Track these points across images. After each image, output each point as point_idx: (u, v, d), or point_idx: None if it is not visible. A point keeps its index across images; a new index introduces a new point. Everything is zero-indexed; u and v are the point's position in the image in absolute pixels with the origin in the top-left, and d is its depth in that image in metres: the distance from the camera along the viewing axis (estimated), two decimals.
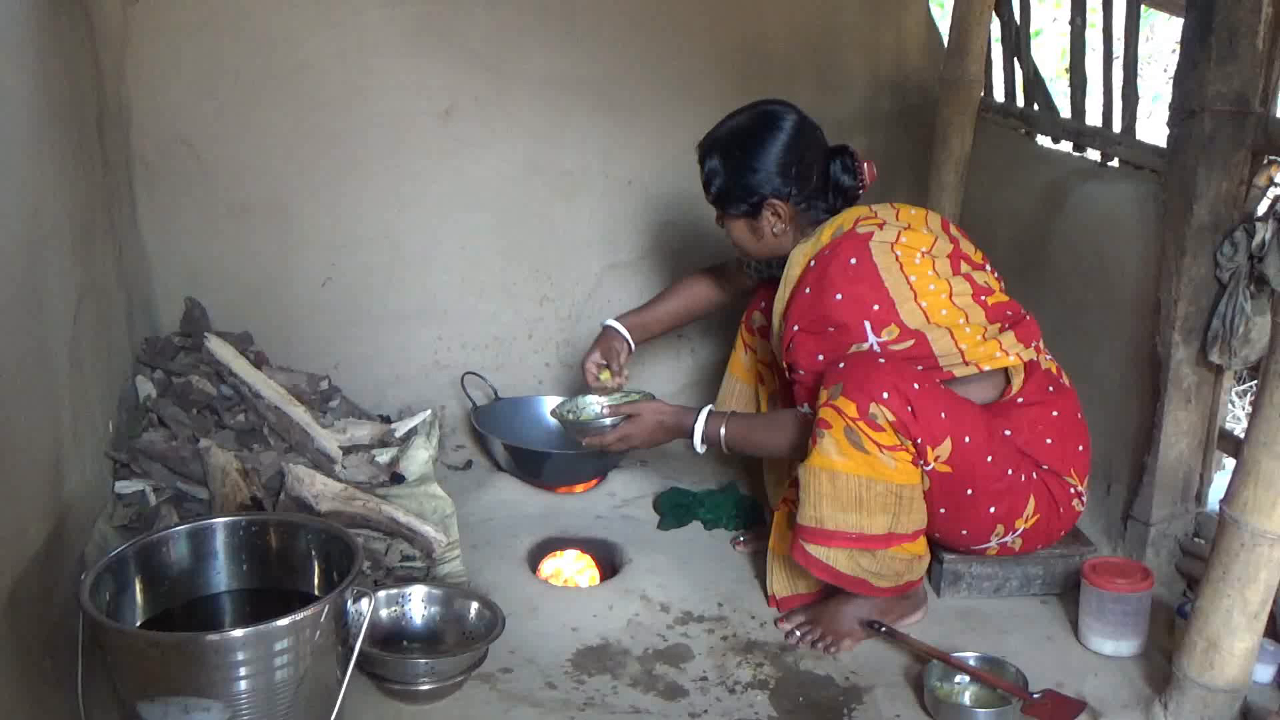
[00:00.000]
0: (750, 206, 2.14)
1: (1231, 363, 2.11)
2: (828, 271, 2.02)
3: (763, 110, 2.15)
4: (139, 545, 1.64)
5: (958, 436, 1.94)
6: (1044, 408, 2.10)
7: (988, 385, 2.07)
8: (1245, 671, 1.78)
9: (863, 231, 2.04)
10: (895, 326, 1.98)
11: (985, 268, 2.12)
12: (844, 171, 2.15)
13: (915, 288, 1.99)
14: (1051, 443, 2.09)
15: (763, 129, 2.11)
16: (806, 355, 2.06)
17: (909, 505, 1.98)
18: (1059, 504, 2.10)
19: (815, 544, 1.99)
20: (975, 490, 2.00)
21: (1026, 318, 2.09)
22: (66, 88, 2.05)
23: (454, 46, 2.81)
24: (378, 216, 2.84)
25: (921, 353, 1.98)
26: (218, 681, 1.45)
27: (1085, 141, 2.62)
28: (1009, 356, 2.01)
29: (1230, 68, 2.04)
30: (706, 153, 2.17)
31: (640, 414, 2.23)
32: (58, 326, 1.85)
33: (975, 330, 2.00)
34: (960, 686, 1.94)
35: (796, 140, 2.11)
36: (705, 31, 2.96)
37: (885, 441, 1.91)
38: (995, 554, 2.17)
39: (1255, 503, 1.68)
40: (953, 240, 2.10)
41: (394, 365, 2.89)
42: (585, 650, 2.03)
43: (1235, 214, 2.10)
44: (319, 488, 2.19)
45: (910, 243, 2.02)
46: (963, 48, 2.76)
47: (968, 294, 2.02)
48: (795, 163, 2.10)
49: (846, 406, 1.91)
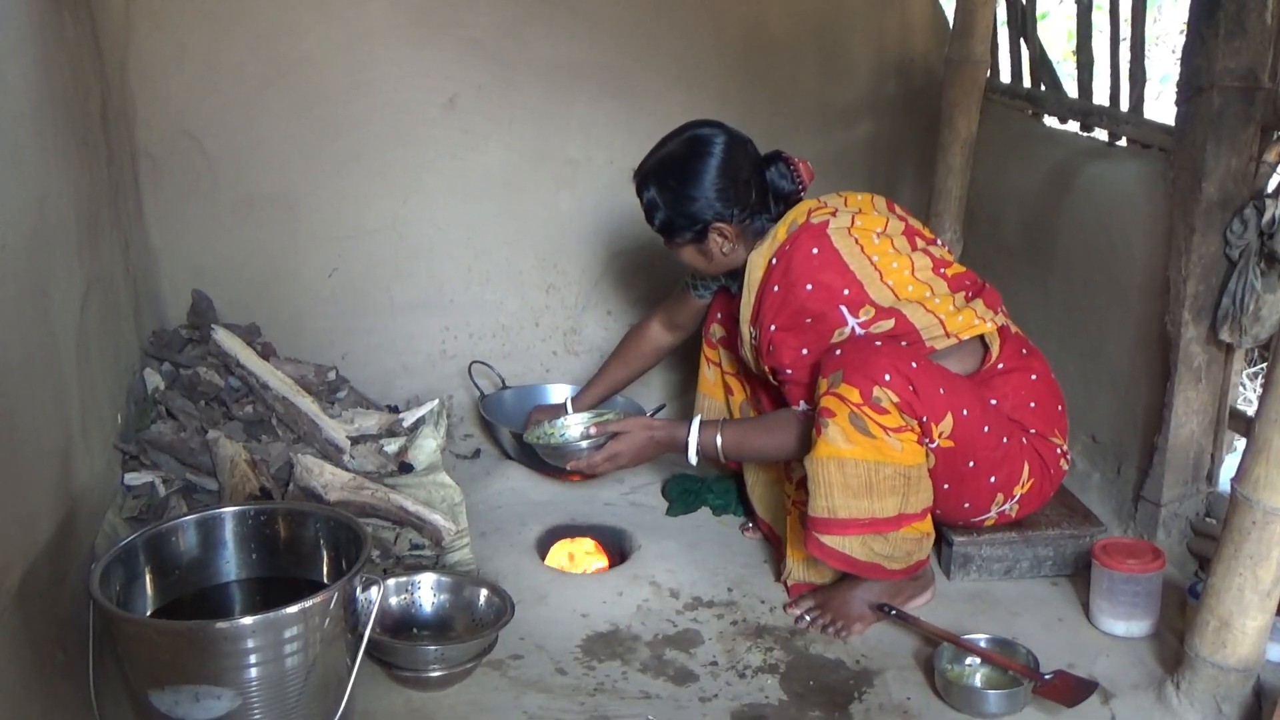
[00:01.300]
0: (695, 234, 2.13)
1: (1242, 341, 2.09)
2: (792, 265, 2.03)
3: (691, 135, 2.13)
4: (148, 535, 1.65)
5: (957, 410, 1.95)
6: (1023, 373, 2.12)
7: (967, 355, 2.09)
8: (1258, 650, 1.77)
9: (818, 221, 2.06)
10: (870, 307, 1.99)
11: (936, 242, 2.17)
12: (781, 178, 2.15)
13: (879, 267, 2.01)
14: (1035, 406, 2.11)
15: (694, 156, 2.10)
16: (790, 352, 2.05)
17: (917, 485, 1.98)
18: (1048, 465, 2.12)
19: (830, 534, 1.98)
20: (976, 462, 2.02)
21: (985, 285, 2.13)
22: (70, 81, 2.05)
23: (456, 36, 2.80)
24: (383, 207, 2.84)
25: (904, 328, 2.00)
26: (228, 669, 1.46)
27: (1092, 121, 2.60)
28: (985, 323, 2.05)
29: (1239, 43, 2.02)
30: (642, 185, 2.16)
31: (629, 430, 2.20)
32: (65, 319, 1.85)
33: (944, 300, 2.03)
34: (971, 668, 1.93)
35: (729, 161, 2.09)
36: (708, 17, 2.94)
37: (890, 424, 1.91)
38: (994, 523, 2.18)
39: (1267, 480, 1.67)
40: (902, 219, 2.14)
41: (401, 355, 2.89)
42: (595, 636, 2.03)
43: (1245, 191, 2.08)
44: (328, 478, 2.20)
45: (865, 225, 2.06)
46: (968, 28, 2.74)
47: (928, 267, 2.06)
48: (732, 184, 2.09)
49: (849, 393, 1.91)
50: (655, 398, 2.91)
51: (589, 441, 2.22)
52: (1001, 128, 2.85)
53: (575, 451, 2.22)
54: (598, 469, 2.22)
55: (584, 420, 2.37)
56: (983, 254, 2.82)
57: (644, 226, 2.99)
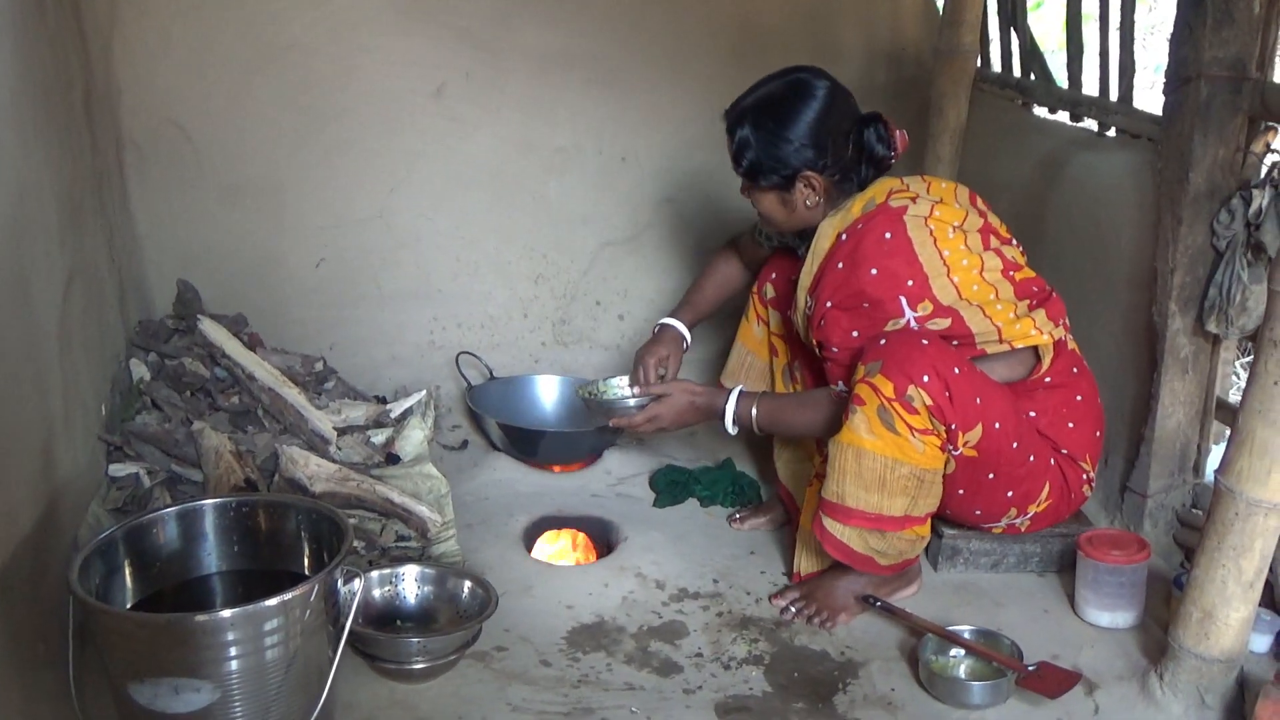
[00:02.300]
0: (783, 179, 2.04)
1: (1228, 332, 2.09)
2: (861, 245, 1.97)
3: (795, 78, 2.04)
4: (128, 527, 1.64)
5: (989, 422, 1.91)
6: (1069, 390, 2.07)
7: (1016, 363, 2.03)
8: (1241, 641, 1.77)
9: (896, 205, 1.99)
10: (929, 303, 1.94)
11: (1012, 242, 2.08)
12: (877, 140, 2.06)
13: (948, 263, 1.94)
14: (1073, 427, 2.07)
15: (795, 98, 2.01)
16: (840, 332, 2.01)
17: (928, 489, 1.96)
18: (1071, 489, 2.09)
19: (834, 519, 1.97)
20: (997, 475, 1.99)
21: (1053, 294, 2.05)
22: (52, 70, 2.04)
23: (445, 24, 2.79)
24: (371, 196, 2.83)
25: (959, 330, 1.95)
26: (208, 662, 1.45)
27: (1082, 111, 2.59)
28: (1042, 335, 1.97)
29: (1227, 33, 2.01)
30: (736, 123, 2.06)
31: (670, 394, 2.18)
32: (46, 309, 1.84)
33: (1006, 307, 1.96)
34: (956, 660, 1.93)
35: (830, 109, 2.02)
36: (698, 6, 2.93)
37: (918, 425, 1.88)
38: (1001, 532, 2.17)
39: (1250, 472, 1.67)
40: (981, 214, 2.06)
41: (389, 346, 2.88)
42: (580, 628, 2.03)
43: (1232, 181, 2.08)
44: (313, 469, 2.19)
45: (943, 217, 1.98)
46: (957, 18, 2.73)
47: (997, 269, 1.98)
48: (829, 133, 2.01)
49: (883, 385, 1.88)
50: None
51: (635, 400, 2.22)
52: (991, 117, 2.84)
53: (621, 409, 2.22)
54: (639, 429, 2.21)
55: (629, 381, 2.35)
56: None
57: (634, 215, 3.02)
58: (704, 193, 3.02)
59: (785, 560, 2.27)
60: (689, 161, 3.00)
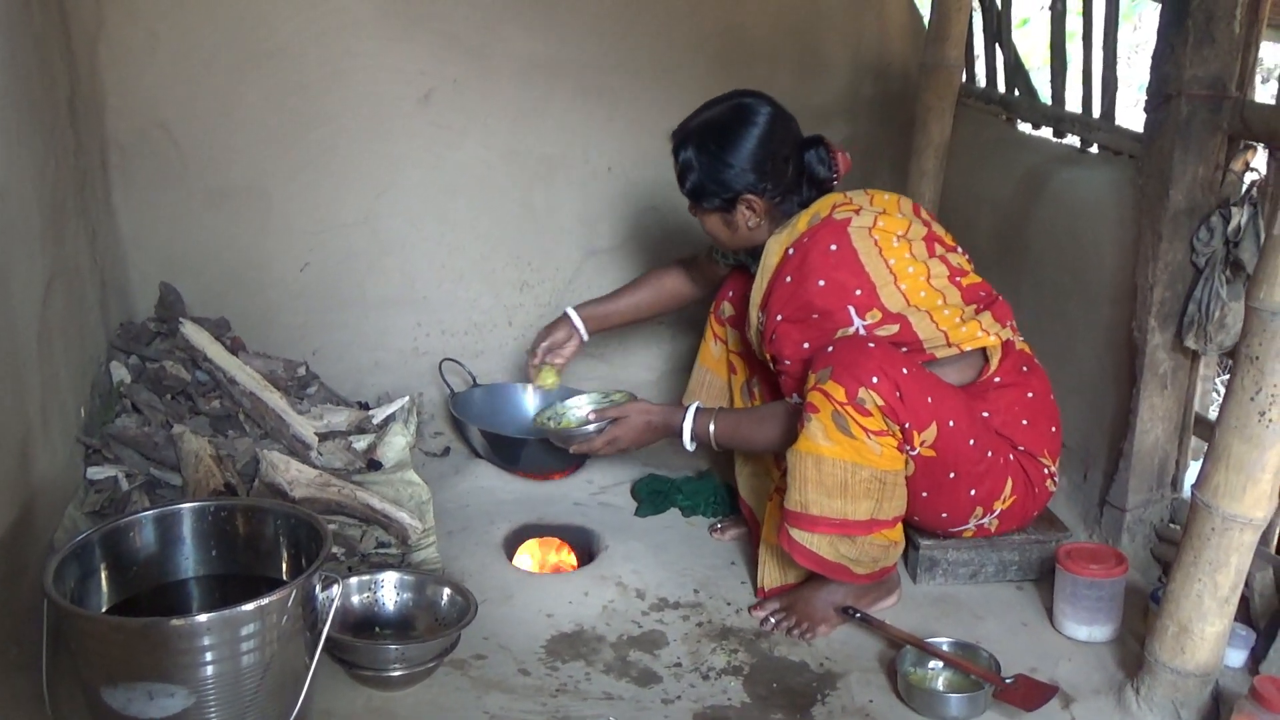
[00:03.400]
0: (725, 201, 2.12)
1: (1207, 348, 2.11)
2: (808, 259, 2.02)
3: (738, 103, 2.11)
4: (105, 530, 1.63)
5: (942, 421, 1.94)
6: (1019, 389, 2.11)
7: (966, 366, 2.07)
8: (1216, 656, 1.78)
9: (840, 218, 2.04)
10: (878, 310, 1.98)
11: (957, 250, 2.14)
12: (819, 163, 2.14)
13: (894, 271, 1.99)
14: (1027, 424, 2.10)
15: (738, 123, 2.08)
16: (791, 344, 2.05)
17: (892, 491, 1.98)
18: (1034, 485, 2.11)
19: (800, 529, 1.98)
20: (957, 473, 2.01)
21: (999, 298, 2.11)
22: (36, 70, 2.03)
23: (434, 30, 2.79)
24: (357, 201, 2.82)
25: (907, 337, 1.98)
26: (183, 666, 1.44)
27: (1065, 127, 2.61)
28: (989, 336, 2.03)
29: (1207, 52, 2.03)
30: (680, 144, 2.13)
31: (627, 415, 2.22)
32: (25, 309, 1.84)
33: (954, 312, 2.01)
34: (934, 672, 1.94)
35: (771, 134, 2.09)
36: (686, 17, 2.94)
37: (872, 426, 1.91)
38: (971, 535, 2.18)
39: (1227, 487, 1.68)
40: (925, 224, 2.12)
41: (373, 351, 2.87)
42: (559, 637, 2.02)
43: (1211, 199, 2.10)
44: (293, 474, 2.18)
45: (887, 227, 2.03)
46: (942, 33, 2.75)
47: (944, 275, 2.03)
48: (770, 157, 2.08)
49: (835, 390, 1.90)
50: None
51: (593, 426, 2.25)
52: (975, 132, 2.86)
53: (579, 435, 2.27)
54: (599, 452, 2.26)
55: (589, 402, 2.41)
56: None
57: (620, 224, 3.03)
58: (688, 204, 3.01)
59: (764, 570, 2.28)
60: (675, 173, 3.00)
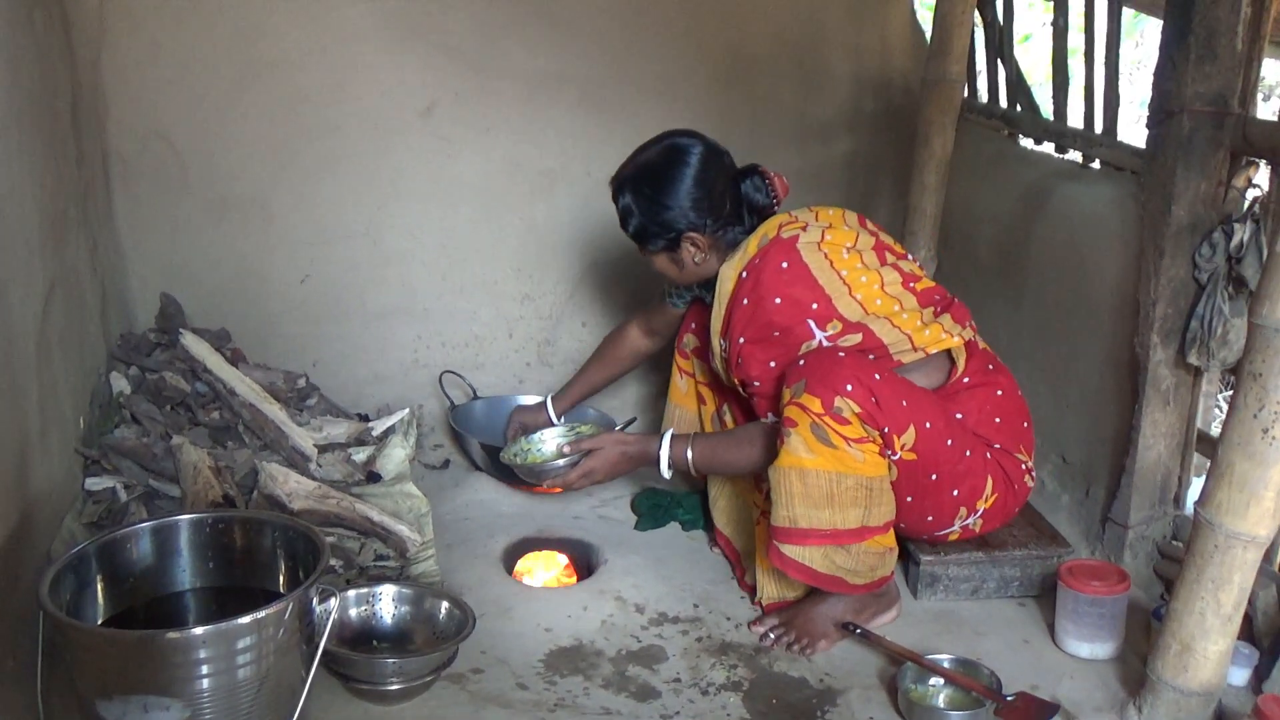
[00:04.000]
0: (668, 242, 2.14)
1: (1209, 365, 2.10)
2: (761, 279, 2.04)
3: (669, 144, 2.13)
4: (101, 542, 1.62)
5: (919, 423, 1.95)
6: (989, 388, 2.13)
7: (933, 369, 2.09)
8: (1219, 674, 1.77)
9: (788, 235, 2.07)
10: (837, 321, 2.01)
11: (907, 257, 2.17)
12: (755, 191, 2.16)
13: (848, 282, 2.02)
14: (1000, 421, 2.12)
15: (671, 164, 2.10)
16: (758, 365, 2.07)
17: (879, 497, 1.98)
18: (1013, 481, 2.13)
19: (790, 544, 1.98)
20: (939, 475, 2.02)
21: (955, 300, 2.14)
22: (38, 80, 2.03)
23: (435, 42, 2.79)
24: (358, 213, 2.82)
25: (871, 344, 2.01)
26: (178, 680, 1.43)
27: (1067, 143, 2.61)
28: (952, 338, 2.05)
29: (1209, 68, 2.03)
30: (618, 191, 2.16)
31: (601, 447, 2.19)
32: (24, 319, 1.83)
33: (913, 316, 2.04)
34: (934, 689, 1.92)
35: (705, 171, 2.10)
36: (688, 31, 2.94)
37: (852, 434, 1.91)
38: (958, 538, 2.19)
39: (1229, 504, 1.67)
40: (873, 234, 2.15)
41: (373, 363, 2.87)
42: (558, 651, 2.01)
43: (1214, 215, 2.09)
44: (292, 486, 2.17)
45: (835, 240, 2.07)
46: (945, 48, 2.75)
47: (898, 282, 2.06)
48: (706, 194, 2.10)
49: (811, 403, 1.91)
50: (627, 410, 2.90)
51: (564, 460, 2.19)
52: (977, 147, 2.86)
53: (551, 470, 2.20)
54: (573, 486, 2.20)
55: (559, 436, 2.35)
56: (956, 272, 2.83)
57: (621, 238, 2.99)
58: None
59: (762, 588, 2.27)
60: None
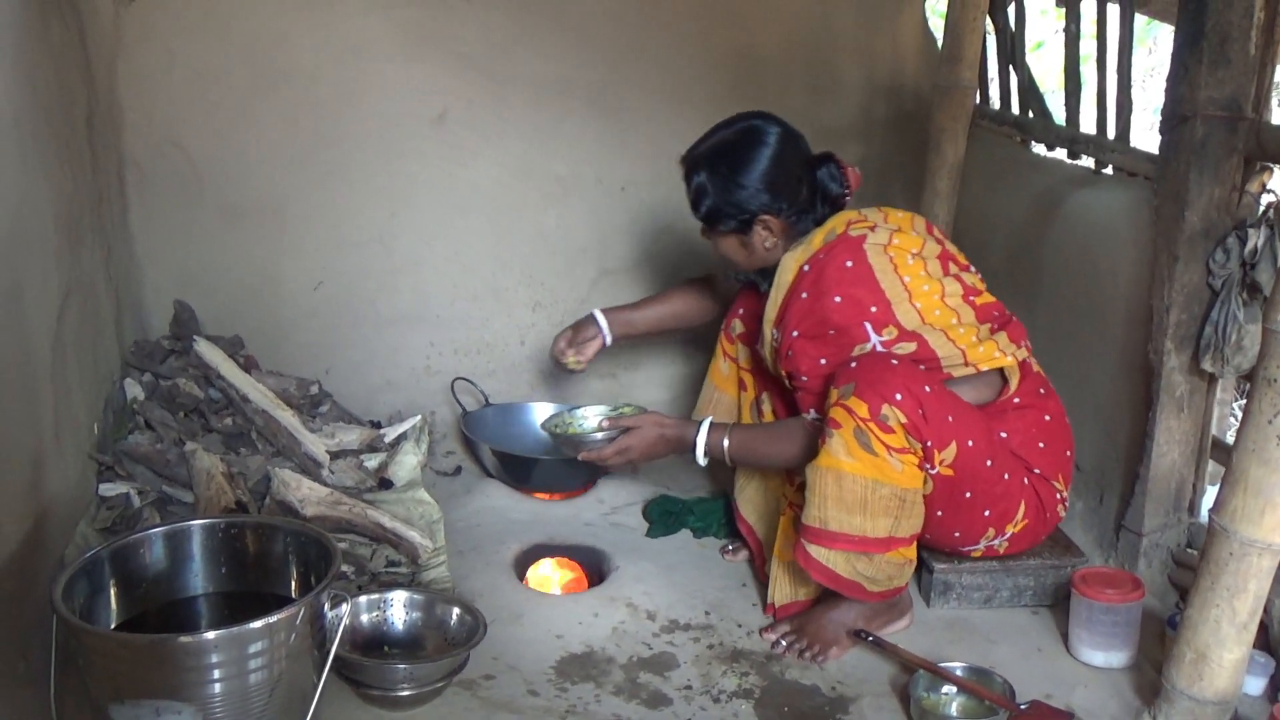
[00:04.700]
0: (740, 223, 2.12)
1: (1224, 371, 2.09)
2: (824, 275, 2.01)
3: (747, 125, 2.11)
4: (115, 547, 1.63)
5: (962, 440, 1.93)
6: (1037, 411, 2.10)
7: (983, 386, 2.06)
8: (1235, 683, 1.75)
9: (855, 234, 2.04)
10: (894, 328, 1.98)
11: (970, 269, 2.13)
12: (830, 180, 2.14)
13: (909, 288, 1.99)
14: (1044, 447, 2.09)
15: (748, 144, 2.08)
16: (808, 361, 2.04)
17: (911, 509, 1.96)
18: (1045, 509, 2.10)
19: (818, 545, 1.97)
20: (974, 494, 1.99)
21: (1013, 318, 2.10)
22: (54, 88, 2.05)
23: (447, 51, 2.80)
24: (370, 220, 2.83)
25: (924, 354, 1.97)
26: (190, 684, 1.44)
27: (1079, 149, 2.61)
28: (1006, 357, 2.01)
29: (1222, 73, 2.02)
30: (692, 169, 2.13)
31: (640, 426, 2.19)
32: (40, 325, 1.84)
33: (969, 331, 2.00)
34: (947, 697, 1.91)
35: (782, 153, 2.09)
36: (698, 37, 2.95)
37: (895, 444, 1.89)
38: (980, 555, 2.17)
39: (1244, 511, 1.66)
40: (939, 242, 2.12)
41: (385, 370, 2.88)
42: (569, 658, 2.01)
43: (1228, 220, 2.08)
44: (305, 492, 2.18)
45: (902, 244, 2.04)
46: (957, 54, 2.75)
47: (958, 294, 2.03)
48: (783, 176, 2.08)
49: (858, 406, 1.89)
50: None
51: (603, 434, 2.20)
52: (989, 153, 2.85)
53: (589, 443, 2.21)
54: (608, 462, 2.21)
55: (600, 412, 2.37)
56: None
57: (633, 245, 3.03)
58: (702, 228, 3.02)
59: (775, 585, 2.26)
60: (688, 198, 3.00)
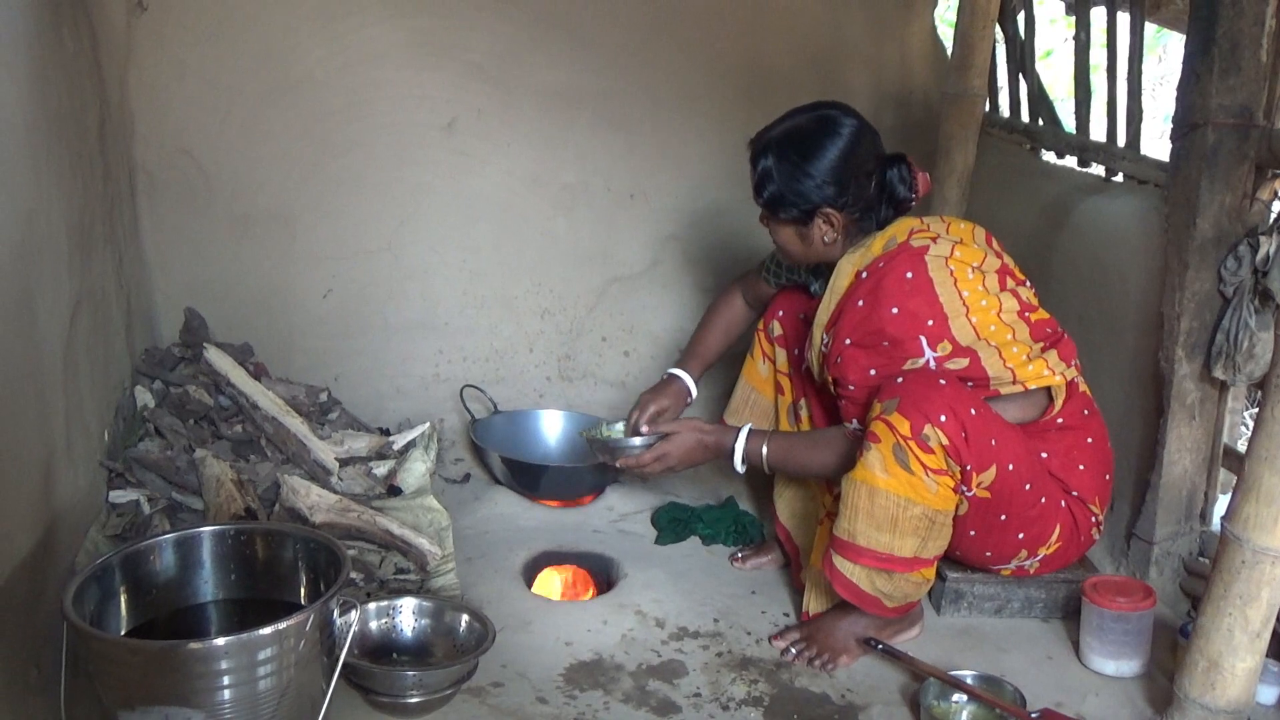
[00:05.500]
0: (802, 213, 2.05)
1: (1236, 379, 2.08)
2: (883, 284, 1.97)
3: (822, 114, 2.05)
4: (125, 554, 1.63)
5: (1002, 464, 1.90)
6: (1080, 432, 2.06)
7: (1029, 404, 2.01)
8: (1247, 692, 1.74)
9: (918, 245, 1.99)
10: (948, 343, 1.93)
11: (1026, 283, 2.08)
12: (899, 182, 2.07)
13: (968, 303, 1.94)
14: (1084, 469, 2.05)
15: (822, 134, 2.02)
16: (858, 369, 2.00)
17: (939, 531, 1.94)
18: (1080, 532, 2.07)
19: (844, 558, 1.95)
20: (1009, 516, 1.97)
21: (1064, 335, 2.04)
22: (66, 96, 2.06)
23: (458, 59, 2.82)
24: (380, 228, 2.84)
25: (975, 372, 1.93)
26: (200, 691, 1.43)
27: (1089, 156, 2.60)
28: (1055, 375, 1.96)
29: (1233, 80, 2.02)
30: (760, 153, 2.06)
31: (679, 432, 2.15)
32: (51, 333, 1.85)
33: (1022, 349, 1.95)
34: (958, 705, 1.90)
35: (855, 147, 2.02)
36: (707, 45, 2.96)
37: (933, 464, 1.86)
38: (1009, 575, 2.15)
39: (1257, 519, 1.65)
40: (998, 255, 2.06)
41: (394, 378, 2.88)
42: (578, 665, 2.00)
43: (1239, 228, 2.08)
44: (314, 499, 2.18)
45: (964, 258, 1.98)
46: (966, 62, 2.75)
47: (1014, 310, 1.97)
48: (852, 171, 2.02)
49: (900, 423, 1.86)
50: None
51: (641, 440, 2.18)
52: (998, 161, 2.85)
53: (627, 449, 2.18)
54: (646, 468, 2.17)
55: None
56: None
57: (641, 252, 3.03)
58: (712, 231, 3.03)
59: (789, 600, 2.26)
60: (697, 199, 3.02)
